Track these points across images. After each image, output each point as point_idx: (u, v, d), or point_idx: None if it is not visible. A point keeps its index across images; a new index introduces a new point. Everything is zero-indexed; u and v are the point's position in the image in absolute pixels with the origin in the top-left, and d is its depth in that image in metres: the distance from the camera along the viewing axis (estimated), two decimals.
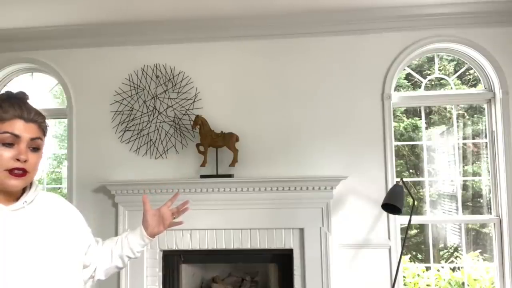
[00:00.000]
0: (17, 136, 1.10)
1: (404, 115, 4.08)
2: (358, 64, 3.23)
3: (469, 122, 3.60)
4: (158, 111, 3.36)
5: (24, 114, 1.12)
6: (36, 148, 1.15)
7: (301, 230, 3.08)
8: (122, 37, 3.39)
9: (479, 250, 3.46)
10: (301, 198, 3.07)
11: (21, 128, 1.11)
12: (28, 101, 1.18)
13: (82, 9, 3.06)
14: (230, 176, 3.13)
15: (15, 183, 1.10)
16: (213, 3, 2.99)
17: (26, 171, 1.11)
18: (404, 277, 3.34)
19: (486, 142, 3.27)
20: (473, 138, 3.55)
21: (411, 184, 3.81)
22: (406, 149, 4.09)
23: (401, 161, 4.03)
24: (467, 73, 3.70)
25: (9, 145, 1.10)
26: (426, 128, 3.62)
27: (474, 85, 3.67)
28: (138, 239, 1.45)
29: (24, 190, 1.18)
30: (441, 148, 3.55)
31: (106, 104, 3.40)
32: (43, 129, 1.18)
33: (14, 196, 1.16)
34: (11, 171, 1.09)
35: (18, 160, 1.09)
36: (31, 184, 1.20)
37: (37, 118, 1.15)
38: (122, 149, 3.37)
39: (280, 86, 3.28)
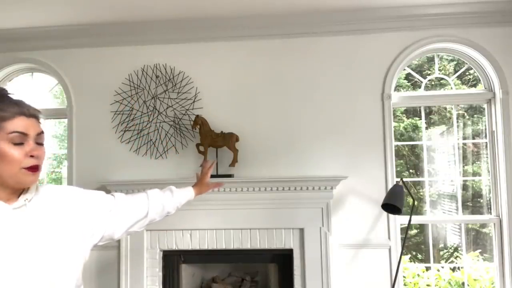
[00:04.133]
0: (25, 134, 1.11)
1: (404, 115, 4.08)
2: (358, 64, 3.24)
3: (469, 122, 3.60)
4: (158, 111, 3.36)
5: (24, 110, 1.13)
6: (40, 143, 1.16)
7: (301, 230, 3.08)
8: (122, 37, 3.39)
9: (479, 250, 3.46)
10: (301, 198, 3.07)
11: (25, 125, 1.12)
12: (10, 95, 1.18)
13: (82, 9, 3.06)
14: (230, 176, 3.13)
15: (32, 178, 1.13)
16: (213, 3, 2.99)
17: (39, 166, 1.14)
18: (404, 277, 3.34)
19: (486, 142, 3.27)
20: (473, 138, 3.55)
21: (411, 184, 3.81)
22: (406, 149, 4.09)
23: (401, 161, 4.03)
24: (467, 73, 3.70)
25: (19, 144, 1.11)
26: (426, 128, 3.62)
27: (474, 85, 3.67)
28: (185, 199, 1.63)
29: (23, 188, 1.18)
30: (441, 148, 3.55)
31: (106, 104, 3.40)
32: (41, 123, 1.19)
33: (15, 194, 1.16)
34: (29, 168, 1.11)
35: (32, 156, 1.11)
36: None
37: (36, 113, 1.17)
38: (122, 149, 3.37)
39: (280, 86, 3.29)
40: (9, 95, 1.15)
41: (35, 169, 1.13)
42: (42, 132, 1.17)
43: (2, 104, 1.11)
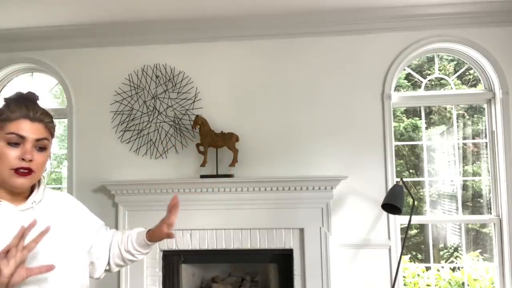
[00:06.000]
0: (22, 137, 1.12)
1: (404, 115, 4.09)
2: (358, 64, 3.23)
3: (469, 122, 3.60)
4: (158, 111, 3.36)
5: (30, 114, 1.14)
6: (42, 148, 1.16)
7: (301, 230, 3.08)
8: (122, 37, 3.39)
9: (479, 250, 3.46)
10: (301, 198, 3.07)
11: (26, 128, 1.13)
12: (38, 101, 1.21)
13: (82, 9, 3.06)
14: (230, 176, 3.12)
15: (21, 181, 1.12)
16: (213, 3, 2.99)
17: (32, 170, 1.13)
18: (404, 277, 3.34)
19: (486, 142, 3.27)
20: (473, 138, 3.55)
21: (411, 184, 3.81)
22: (406, 149, 4.09)
23: (401, 161, 4.03)
24: (467, 73, 3.70)
25: (15, 144, 1.12)
26: (426, 128, 3.62)
27: (474, 85, 3.67)
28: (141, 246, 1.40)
29: (32, 190, 1.20)
30: (441, 148, 3.55)
31: (106, 104, 3.40)
32: (50, 129, 1.19)
33: (23, 195, 1.18)
34: (16, 170, 1.11)
35: (23, 159, 1.11)
36: (39, 183, 1.23)
37: (44, 118, 1.17)
38: (122, 149, 3.37)
39: (280, 86, 3.28)
40: (24, 98, 1.18)
41: (25, 172, 1.12)
42: (45, 138, 1.16)
43: (14, 106, 1.14)
